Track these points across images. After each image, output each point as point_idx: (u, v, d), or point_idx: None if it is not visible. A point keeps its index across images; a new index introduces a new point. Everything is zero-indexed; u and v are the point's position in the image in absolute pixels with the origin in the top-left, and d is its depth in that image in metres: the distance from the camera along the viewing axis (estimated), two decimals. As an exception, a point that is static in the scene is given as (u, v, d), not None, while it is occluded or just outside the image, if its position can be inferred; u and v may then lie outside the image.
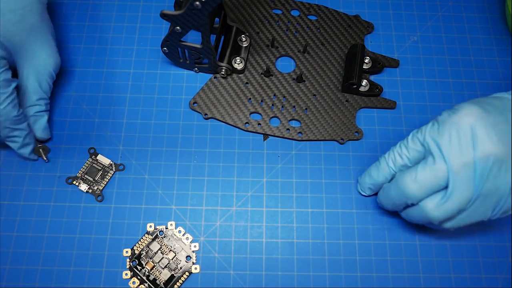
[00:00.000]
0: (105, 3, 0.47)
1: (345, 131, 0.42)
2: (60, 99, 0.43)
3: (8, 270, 0.37)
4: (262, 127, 0.42)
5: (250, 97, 0.43)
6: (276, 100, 0.43)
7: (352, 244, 0.38)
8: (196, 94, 0.42)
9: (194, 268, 0.37)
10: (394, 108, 0.43)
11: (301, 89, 0.43)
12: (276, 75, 0.44)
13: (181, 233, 0.38)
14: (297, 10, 0.47)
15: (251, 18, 0.46)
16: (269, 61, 0.44)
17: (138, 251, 0.37)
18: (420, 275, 0.37)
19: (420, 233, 0.39)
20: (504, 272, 0.38)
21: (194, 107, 0.42)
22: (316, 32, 0.46)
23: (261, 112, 0.42)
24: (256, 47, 0.45)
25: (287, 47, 0.45)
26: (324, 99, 0.43)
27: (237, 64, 0.43)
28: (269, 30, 0.46)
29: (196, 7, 0.34)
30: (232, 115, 0.42)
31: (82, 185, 0.39)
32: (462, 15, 0.48)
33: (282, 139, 0.42)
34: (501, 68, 0.45)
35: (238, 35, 0.44)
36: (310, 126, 0.42)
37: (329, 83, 0.43)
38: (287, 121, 0.42)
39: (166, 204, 0.39)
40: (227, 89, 0.43)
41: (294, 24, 0.46)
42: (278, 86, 0.43)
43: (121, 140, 0.41)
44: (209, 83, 0.43)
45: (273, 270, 0.37)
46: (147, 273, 0.36)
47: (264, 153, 0.41)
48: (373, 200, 0.40)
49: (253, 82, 0.43)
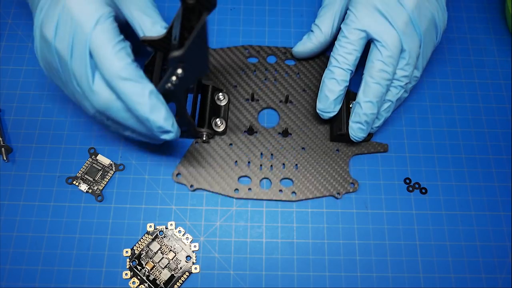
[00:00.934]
0: (105, 3, 0.47)
1: (341, 182, 0.40)
2: (60, 99, 0.43)
3: (8, 270, 0.37)
4: (253, 191, 0.39)
5: (236, 160, 0.40)
6: (264, 159, 0.40)
7: (352, 244, 0.38)
8: (179, 164, 0.40)
9: (194, 268, 0.37)
10: (387, 151, 0.41)
11: (288, 143, 0.41)
12: (260, 131, 0.41)
13: (181, 233, 0.38)
14: (274, 56, 0.44)
15: (226, 71, 0.43)
16: (251, 116, 0.42)
17: (138, 251, 0.37)
18: (420, 275, 0.37)
19: (420, 233, 0.39)
20: (504, 272, 0.38)
21: (178, 179, 0.39)
22: (296, 78, 0.43)
23: (250, 175, 0.40)
24: (235, 102, 0.42)
25: (268, 98, 0.43)
26: (314, 151, 0.41)
27: (217, 127, 0.40)
28: (247, 82, 0.43)
29: (169, 88, 0.32)
30: (220, 182, 0.39)
31: (82, 185, 0.39)
32: (462, 15, 0.48)
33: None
34: (501, 68, 0.45)
35: (215, 93, 0.42)
36: (303, 183, 0.39)
37: (317, 132, 0.41)
38: (278, 180, 0.39)
39: (166, 204, 0.39)
40: (211, 153, 0.40)
41: (272, 72, 0.43)
42: (264, 143, 0.41)
43: (121, 140, 0.41)
44: (191, 149, 0.40)
45: (273, 270, 0.37)
46: (147, 273, 0.36)
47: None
48: (373, 200, 0.40)
49: (237, 142, 0.41)
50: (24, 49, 0.45)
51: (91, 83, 0.31)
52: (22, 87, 0.43)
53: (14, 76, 0.43)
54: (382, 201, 0.40)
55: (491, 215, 0.39)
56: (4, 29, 0.45)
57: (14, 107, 0.42)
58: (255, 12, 0.47)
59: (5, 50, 0.44)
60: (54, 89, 0.43)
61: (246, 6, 0.48)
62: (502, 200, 0.40)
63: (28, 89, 0.43)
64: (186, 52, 0.26)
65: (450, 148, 0.42)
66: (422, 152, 0.42)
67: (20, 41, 0.45)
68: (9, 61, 0.44)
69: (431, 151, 0.42)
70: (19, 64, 0.44)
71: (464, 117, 0.43)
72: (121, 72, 0.30)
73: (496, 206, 0.40)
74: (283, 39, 0.46)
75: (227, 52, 0.44)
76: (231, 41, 0.46)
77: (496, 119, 0.43)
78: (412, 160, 0.41)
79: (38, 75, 0.43)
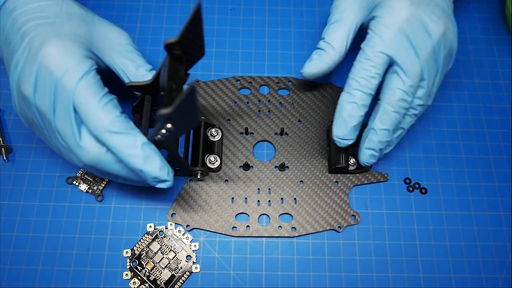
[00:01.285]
0: (105, 3, 0.47)
1: (342, 215, 0.39)
2: (60, 99, 0.43)
3: (8, 270, 0.37)
4: (252, 229, 0.38)
5: (232, 196, 0.39)
6: (261, 195, 0.39)
7: (352, 244, 0.38)
8: (174, 203, 0.39)
9: (194, 268, 0.37)
10: (387, 180, 0.40)
11: (286, 176, 0.40)
12: (256, 165, 0.40)
13: (181, 233, 0.38)
14: (266, 87, 0.43)
15: (218, 104, 0.42)
16: (246, 150, 0.41)
17: (138, 251, 0.37)
18: (420, 275, 0.37)
19: (420, 233, 0.39)
20: (504, 272, 0.38)
21: (173, 219, 0.38)
22: (290, 109, 0.42)
23: (247, 212, 0.39)
24: (229, 137, 0.41)
25: (263, 131, 0.41)
26: (313, 184, 0.40)
27: (211, 164, 0.39)
28: (240, 115, 0.42)
29: (159, 140, 0.30)
30: (217, 220, 0.38)
31: (82, 185, 0.39)
32: (462, 15, 0.48)
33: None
34: (501, 68, 0.45)
35: (208, 129, 0.40)
36: (303, 218, 0.38)
37: (315, 165, 0.40)
38: (277, 216, 0.38)
39: (166, 204, 0.39)
40: (207, 191, 0.39)
41: (266, 104, 0.42)
42: (261, 178, 0.40)
43: (121, 140, 0.41)
44: (186, 187, 0.39)
45: (273, 270, 0.37)
46: (148, 273, 0.36)
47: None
48: (373, 200, 0.40)
49: (233, 177, 0.40)
50: (24, 49, 0.44)
51: (78, 139, 0.30)
52: (22, 87, 0.43)
53: (14, 76, 0.43)
54: (382, 201, 0.40)
55: (491, 215, 0.39)
56: (4, 29, 0.45)
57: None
58: (255, 12, 0.47)
59: (5, 50, 0.44)
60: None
61: (246, 6, 0.48)
62: (502, 200, 0.40)
63: (28, 89, 0.43)
64: (175, 110, 0.25)
65: (450, 148, 0.42)
66: (422, 152, 0.42)
67: (20, 41, 0.45)
68: (9, 61, 0.44)
69: (431, 151, 0.42)
70: (19, 64, 0.44)
71: (464, 117, 0.43)
72: (111, 126, 0.29)
73: (496, 206, 0.40)
74: (283, 39, 0.46)
75: (218, 85, 0.43)
76: (231, 41, 0.46)
77: (496, 119, 0.43)
78: (412, 160, 0.41)
79: (38, 75, 0.43)
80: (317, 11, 0.47)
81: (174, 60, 0.30)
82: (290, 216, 0.39)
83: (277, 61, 0.45)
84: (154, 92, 0.35)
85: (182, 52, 0.29)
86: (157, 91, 0.34)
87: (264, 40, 0.46)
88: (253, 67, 0.45)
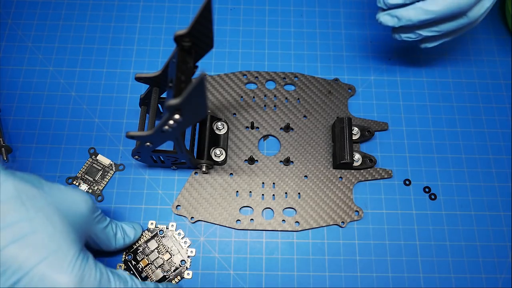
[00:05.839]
0: (105, 3, 0.47)
1: (345, 210, 0.39)
2: (60, 99, 0.43)
3: (8, 270, 0.37)
4: (256, 222, 0.38)
5: (237, 190, 0.39)
6: (265, 189, 0.39)
7: (352, 244, 0.38)
8: (179, 195, 0.39)
9: (186, 274, 0.37)
10: (391, 177, 0.40)
11: (290, 171, 0.40)
12: (261, 159, 0.40)
13: (180, 236, 0.38)
14: (273, 82, 0.43)
15: (224, 99, 0.42)
16: (251, 144, 0.41)
17: (135, 245, 0.37)
18: (420, 275, 0.37)
19: (420, 233, 0.39)
20: (504, 272, 0.38)
21: (178, 211, 0.38)
22: (296, 104, 0.42)
23: (251, 205, 0.39)
24: (235, 131, 0.41)
25: (268, 125, 0.42)
26: (317, 179, 0.40)
27: (217, 157, 0.39)
28: (246, 110, 0.42)
29: (166, 131, 0.30)
30: (221, 213, 0.38)
31: (82, 185, 0.39)
32: (462, 15, 0.48)
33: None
34: (501, 68, 0.45)
35: (214, 122, 0.41)
36: (307, 212, 0.38)
37: (320, 159, 0.40)
38: (281, 210, 0.39)
39: (166, 204, 0.39)
40: (212, 183, 0.39)
41: (272, 99, 0.42)
42: (265, 172, 0.40)
43: (121, 140, 0.41)
44: (190, 180, 0.39)
45: (273, 270, 0.37)
46: (140, 269, 0.36)
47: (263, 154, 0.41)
48: (373, 200, 0.40)
49: (238, 171, 0.40)
50: (24, 49, 0.45)
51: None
52: (22, 87, 0.43)
53: (14, 76, 0.43)
54: (382, 201, 0.40)
55: (491, 215, 0.39)
56: (4, 29, 0.45)
57: (14, 107, 0.42)
58: (255, 12, 0.47)
59: (5, 50, 0.44)
60: (54, 89, 0.43)
61: (246, 6, 0.48)
62: (502, 200, 0.40)
63: (28, 89, 0.43)
64: (184, 101, 0.25)
65: (450, 148, 0.42)
66: (422, 152, 0.42)
67: (20, 41, 0.45)
68: (9, 61, 0.44)
69: (431, 151, 0.42)
70: (19, 64, 0.44)
71: (464, 117, 0.43)
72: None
73: (496, 206, 0.40)
74: (282, 39, 0.46)
75: (225, 79, 0.43)
76: (231, 41, 0.46)
77: (496, 119, 0.43)
78: (412, 160, 0.41)
79: (38, 75, 0.43)
80: (317, 11, 0.47)
81: (183, 52, 0.30)
82: (294, 211, 0.39)
83: (277, 61, 0.45)
84: (162, 84, 0.35)
85: (191, 44, 0.30)
86: (165, 83, 0.34)
87: (264, 40, 0.46)
88: (253, 67, 0.45)
